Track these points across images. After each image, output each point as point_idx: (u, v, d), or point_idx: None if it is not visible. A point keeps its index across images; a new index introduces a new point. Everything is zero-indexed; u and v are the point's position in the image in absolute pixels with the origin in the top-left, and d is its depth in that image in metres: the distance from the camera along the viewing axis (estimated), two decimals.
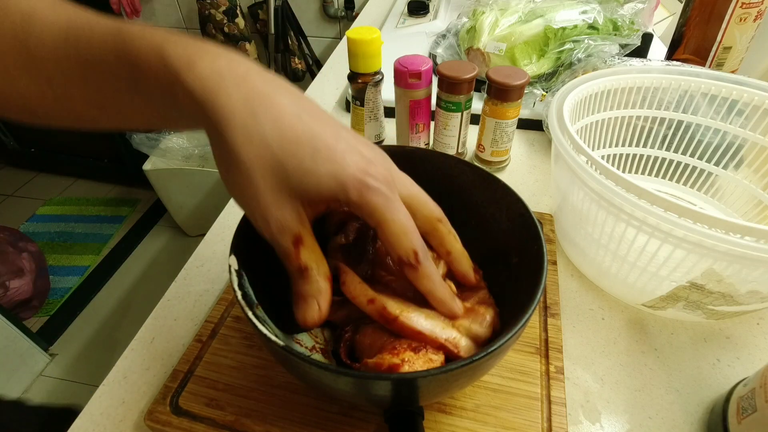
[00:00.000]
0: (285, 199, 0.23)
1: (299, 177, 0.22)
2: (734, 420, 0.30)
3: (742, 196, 0.48)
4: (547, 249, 0.29)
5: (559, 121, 0.39)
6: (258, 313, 0.27)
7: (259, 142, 0.21)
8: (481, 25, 0.64)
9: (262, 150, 0.22)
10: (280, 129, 0.22)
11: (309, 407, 0.32)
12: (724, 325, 0.39)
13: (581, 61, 0.59)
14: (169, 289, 0.43)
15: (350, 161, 0.22)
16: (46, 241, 1.74)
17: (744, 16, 0.56)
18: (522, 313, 0.25)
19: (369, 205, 0.23)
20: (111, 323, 1.49)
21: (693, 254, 0.31)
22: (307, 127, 0.22)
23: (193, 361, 0.35)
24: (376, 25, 0.94)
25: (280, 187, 0.22)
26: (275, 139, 0.22)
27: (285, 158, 0.22)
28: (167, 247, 1.75)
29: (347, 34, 0.50)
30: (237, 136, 0.21)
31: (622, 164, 0.53)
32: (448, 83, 0.49)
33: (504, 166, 0.57)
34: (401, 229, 0.24)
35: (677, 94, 0.47)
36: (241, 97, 0.22)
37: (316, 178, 0.22)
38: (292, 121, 0.22)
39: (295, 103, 0.23)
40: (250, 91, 0.22)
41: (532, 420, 0.31)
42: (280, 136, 0.22)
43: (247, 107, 0.22)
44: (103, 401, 0.35)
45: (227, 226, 0.50)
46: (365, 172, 0.22)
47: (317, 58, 1.65)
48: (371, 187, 0.22)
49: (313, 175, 0.22)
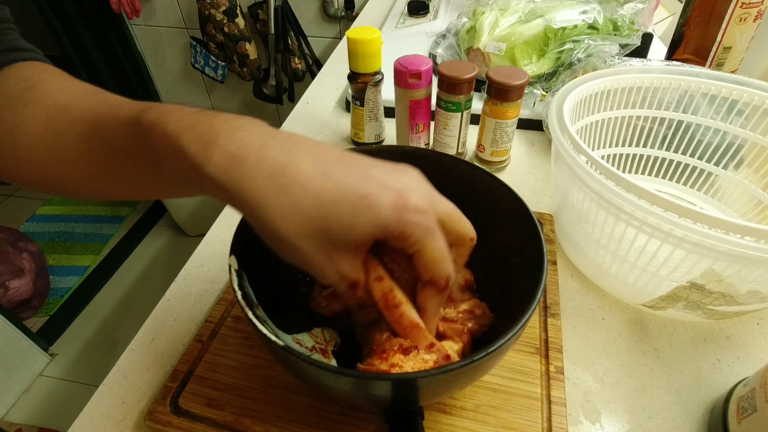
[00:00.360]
0: (335, 255, 0.24)
1: (343, 235, 0.23)
2: (734, 420, 0.30)
3: (742, 196, 0.48)
4: (547, 249, 0.29)
5: (559, 121, 0.39)
6: (258, 313, 0.27)
7: (295, 215, 0.22)
8: (481, 25, 0.64)
9: (301, 220, 0.22)
10: (312, 195, 0.22)
11: (309, 407, 0.32)
12: (724, 325, 0.39)
13: (581, 61, 0.59)
14: (169, 289, 0.43)
15: (386, 204, 0.23)
16: (46, 241, 1.74)
17: (744, 16, 0.56)
18: (522, 313, 0.25)
19: (410, 238, 0.23)
20: (111, 323, 1.49)
21: (693, 254, 0.31)
22: (336, 183, 0.22)
23: (193, 361, 0.35)
24: (376, 25, 0.94)
25: (328, 248, 0.23)
26: (310, 207, 0.22)
27: (325, 222, 0.22)
28: (167, 247, 1.75)
29: (347, 34, 0.50)
30: (274, 216, 0.22)
31: (622, 164, 0.53)
32: (448, 83, 0.49)
33: (504, 166, 0.57)
34: (440, 256, 0.25)
35: (677, 94, 0.47)
36: (265, 176, 0.22)
37: (359, 230, 0.23)
38: (320, 183, 0.22)
39: (316, 161, 0.23)
40: (271, 167, 0.22)
41: (532, 420, 0.31)
42: (315, 203, 0.22)
43: (273, 185, 0.22)
44: (103, 401, 0.35)
45: (227, 226, 0.50)
46: (403, 209, 0.23)
47: (317, 58, 1.65)
48: (410, 222, 0.23)
49: (355, 229, 0.23)
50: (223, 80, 1.70)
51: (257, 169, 0.22)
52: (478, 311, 0.32)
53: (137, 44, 1.80)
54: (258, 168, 0.22)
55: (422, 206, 0.24)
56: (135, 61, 1.82)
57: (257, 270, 0.30)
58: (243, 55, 1.57)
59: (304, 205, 0.22)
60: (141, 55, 1.82)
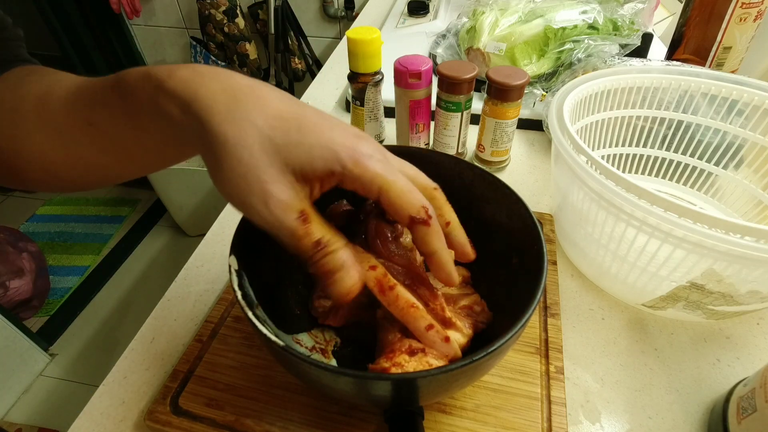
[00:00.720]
0: (280, 176, 0.22)
1: (289, 149, 0.21)
2: (734, 420, 0.30)
3: (742, 196, 0.48)
4: (547, 249, 0.29)
5: (559, 121, 0.39)
6: (258, 313, 0.27)
7: (243, 121, 0.21)
8: (481, 25, 0.64)
9: (248, 128, 0.21)
10: (263, 108, 0.22)
11: (309, 407, 0.32)
12: (724, 325, 0.39)
13: (581, 61, 0.59)
14: (169, 289, 0.43)
15: (338, 134, 0.22)
16: (46, 241, 1.74)
17: (744, 16, 0.56)
18: (522, 313, 0.25)
19: (368, 171, 0.22)
20: (111, 323, 1.49)
21: (693, 254, 0.31)
22: (290, 106, 0.22)
23: (193, 361, 0.35)
24: (376, 25, 0.94)
25: (272, 163, 0.21)
26: (260, 117, 0.21)
27: (272, 133, 0.21)
28: (167, 247, 1.75)
29: (347, 34, 0.50)
30: (222, 121, 0.21)
31: (622, 164, 0.53)
32: (448, 83, 0.49)
33: (504, 166, 0.57)
34: (407, 188, 0.23)
35: (677, 94, 0.47)
36: (221, 87, 0.22)
37: (307, 148, 0.21)
38: (274, 102, 0.22)
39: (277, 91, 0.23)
40: (231, 82, 0.22)
41: (532, 420, 0.31)
42: (264, 115, 0.22)
43: (228, 94, 0.22)
44: (103, 401, 0.35)
45: (227, 226, 0.50)
46: (355, 145, 0.22)
47: (317, 58, 1.65)
48: (366, 153, 0.22)
49: (302, 146, 0.21)
50: None
51: (216, 80, 0.22)
52: (477, 308, 0.32)
53: (137, 44, 1.80)
54: (217, 80, 0.22)
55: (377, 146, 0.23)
56: (135, 61, 1.82)
57: (257, 270, 0.30)
58: (243, 55, 1.57)
59: (254, 115, 0.21)
60: (141, 55, 1.82)
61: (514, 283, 0.31)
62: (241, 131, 0.21)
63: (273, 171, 0.21)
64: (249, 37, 1.56)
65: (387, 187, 0.22)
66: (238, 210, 0.23)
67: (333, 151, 0.22)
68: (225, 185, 0.22)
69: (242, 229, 0.30)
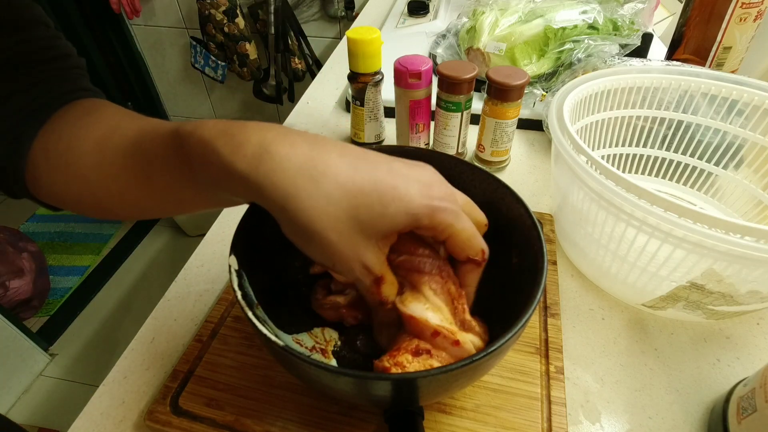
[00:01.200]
0: (363, 247, 0.24)
1: (373, 223, 0.23)
2: (734, 420, 0.30)
3: (742, 196, 0.48)
4: (547, 249, 0.29)
5: (559, 121, 0.39)
6: (258, 313, 0.27)
7: (326, 205, 0.22)
8: (481, 25, 0.64)
9: (332, 211, 0.22)
10: (343, 186, 0.23)
11: (309, 407, 0.32)
12: (724, 325, 0.39)
13: (581, 61, 0.59)
14: (169, 289, 0.43)
15: (414, 193, 0.23)
16: (46, 241, 1.74)
17: (744, 16, 0.56)
18: (522, 313, 0.25)
19: (442, 224, 0.24)
20: (111, 323, 1.49)
21: (693, 254, 0.31)
22: (365, 175, 0.23)
23: (193, 361, 0.35)
24: (376, 25, 0.94)
25: (356, 238, 0.23)
26: (341, 197, 0.22)
27: (356, 212, 0.23)
28: (167, 247, 1.75)
29: (347, 34, 0.50)
30: (306, 207, 0.22)
31: (622, 164, 0.53)
32: (448, 83, 0.49)
33: (504, 166, 0.57)
34: (471, 234, 0.26)
35: (677, 94, 0.47)
36: (296, 168, 0.22)
37: (389, 219, 0.23)
38: (349, 175, 0.23)
39: (343, 155, 0.24)
40: (301, 160, 0.23)
41: (532, 420, 0.31)
42: (346, 193, 0.23)
43: (305, 177, 0.22)
44: (103, 401, 0.35)
45: (227, 226, 0.50)
46: (430, 197, 0.24)
47: (317, 58, 1.65)
48: (439, 208, 0.24)
49: (385, 218, 0.23)
50: (223, 80, 1.70)
51: (288, 162, 0.22)
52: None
53: (137, 44, 1.80)
54: (288, 161, 0.22)
55: (447, 194, 0.25)
56: (135, 61, 1.82)
57: (257, 270, 0.30)
58: (243, 55, 1.57)
59: (335, 195, 0.22)
60: (141, 55, 1.82)
61: (514, 283, 0.31)
62: (328, 217, 0.22)
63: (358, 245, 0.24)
64: (249, 37, 1.56)
65: (456, 236, 0.25)
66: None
67: (413, 215, 0.23)
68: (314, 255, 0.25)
69: (242, 229, 0.30)
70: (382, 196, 0.23)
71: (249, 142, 0.23)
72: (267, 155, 0.22)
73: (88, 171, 0.29)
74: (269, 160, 0.22)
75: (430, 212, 0.24)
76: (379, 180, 0.23)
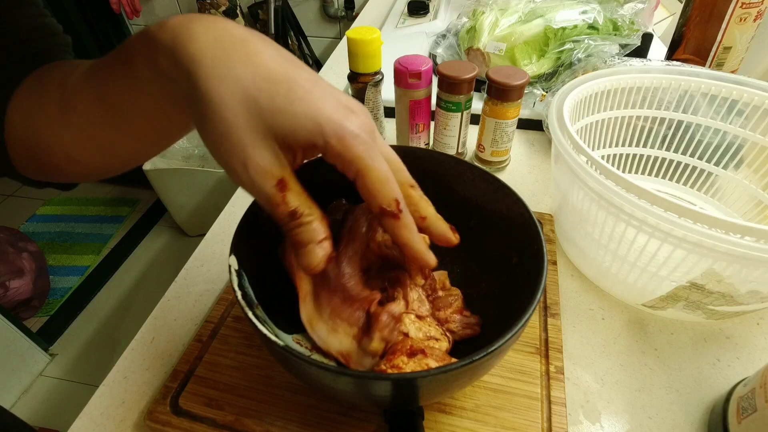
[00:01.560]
0: (261, 140, 0.21)
1: (273, 115, 0.21)
2: (734, 420, 0.30)
3: (742, 196, 0.48)
4: (547, 249, 0.29)
5: (559, 121, 0.39)
6: (258, 313, 0.27)
7: (229, 79, 0.20)
8: (481, 25, 0.64)
9: (234, 87, 0.20)
10: (253, 66, 0.21)
11: (309, 407, 0.32)
12: (724, 325, 0.39)
13: (581, 61, 0.59)
14: (169, 289, 0.43)
15: (328, 105, 0.21)
16: (46, 241, 1.74)
17: (744, 16, 0.56)
18: (522, 313, 0.25)
19: (350, 151, 0.21)
20: (111, 323, 1.49)
21: (693, 254, 0.31)
22: (282, 67, 0.21)
23: (193, 361, 0.35)
24: (376, 25, 0.94)
25: (255, 127, 0.21)
26: (247, 76, 0.21)
27: (258, 95, 0.21)
28: (167, 247, 1.75)
29: (347, 34, 0.50)
30: (207, 75, 0.21)
31: (622, 164, 0.53)
32: (448, 83, 0.49)
33: (504, 166, 0.57)
34: (384, 177, 0.23)
35: (677, 94, 0.47)
36: (212, 38, 0.21)
37: (291, 116, 0.21)
38: (265, 61, 0.21)
39: (272, 47, 0.22)
40: (222, 32, 0.21)
41: (532, 420, 0.31)
42: (253, 74, 0.21)
43: (217, 46, 0.21)
44: (103, 401, 0.35)
45: (227, 226, 0.50)
46: (345, 119, 0.21)
47: (317, 58, 1.65)
48: (352, 132, 0.21)
49: (287, 114, 0.21)
50: None
51: (206, 32, 0.21)
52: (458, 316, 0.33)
53: None
54: (207, 32, 0.21)
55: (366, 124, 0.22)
56: None
57: (257, 270, 0.30)
58: None
59: (242, 73, 0.21)
60: None
61: (514, 283, 0.31)
62: (225, 89, 0.20)
63: (254, 134, 0.21)
64: None
65: (365, 172, 0.22)
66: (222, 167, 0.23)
67: (318, 124, 0.21)
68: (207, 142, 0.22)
69: (242, 229, 0.30)
70: (290, 91, 0.21)
71: (176, 19, 0.22)
72: (188, 24, 0.21)
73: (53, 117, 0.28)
74: (188, 25, 0.21)
75: (339, 131, 0.21)
76: (296, 77, 0.21)
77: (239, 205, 0.53)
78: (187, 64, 0.21)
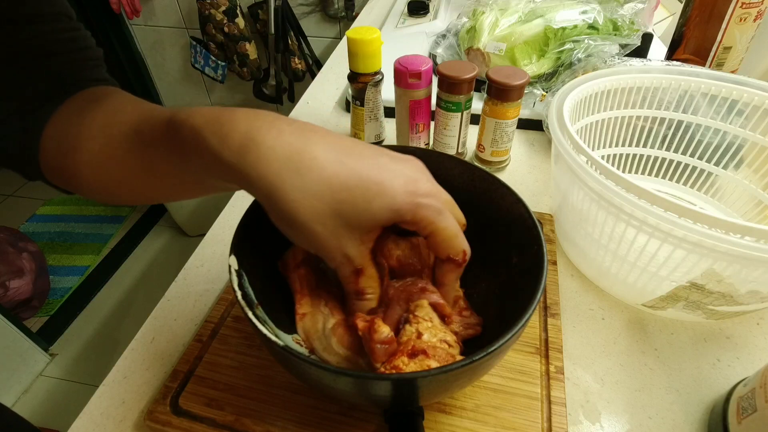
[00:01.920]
0: (346, 239, 0.25)
1: (356, 218, 0.24)
2: (734, 420, 0.30)
3: (742, 196, 0.48)
4: (547, 249, 0.29)
5: (559, 121, 0.39)
6: (258, 313, 0.27)
7: (311, 198, 0.23)
8: (481, 25, 0.64)
9: (316, 204, 0.23)
10: (327, 180, 0.23)
11: (309, 407, 0.32)
12: (724, 325, 0.39)
13: (581, 61, 0.59)
14: (169, 289, 0.43)
15: (398, 188, 0.24)
16: (46, 241, 1.74)
17: (744, 16, 0.56)
18: (522, 313, 0.25)
19: (424, 220, 0.25)
20: (111, 323, 1.49)
21: (693, 254, 0.31)
22: (350, 170, 0.23)
23: (193, 361, 0.35)
24: (376, 25, 0.94)
25: (340, 231, 0.24)
26: (326, 191, 0.23)
27: (339, 206, 0.23)
28: (167, 247, 1.75)
29: (347, 34, 0.50)
30: (290, 200, 0.23)
31: (622, 164, 0.53)
32: (448, 83, 0.49)
33: (504, 166, 0.57)
34: (453, 233, 0.26)
35: (677, 94, 0.47)
36: (281, 159, 0.23)
37: (372, 214, 0.24)
38: (335, 170, 0.23)
39: (330, 148, 0.24)
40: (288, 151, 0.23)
41: (532, 420, 0.31)
42: (330, 188, 0.23)
43: (289, 168, 0.23)
44: (103, 401, 0.35)
45: (227, 226, 0.50)
46: (414, 194, 0.24)
47: (317, 58, 1.65)
48: (422, 204, 0.24)
49: (369, 213, 0.24)
50: (223, 80, 1.70)
51: (273, 153, 0.23)
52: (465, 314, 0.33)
53: (137, 44, 1.79)
54: (273, 152, 0.23)
55: (432, 190, 0.25)
56: (135, 61, 1.82)
57: (257, 270, 0.30)
58: (243, 55, 1.57)
59: (320, 190, 0.23)
60: (141, 55, 1.82)
61: (514, 283, 0.31)
62: (311, 209, 0.23)
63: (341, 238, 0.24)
64: (249, 37, 1.56)
65: (437, 233, 0.26)
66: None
67: (395, 211, 0.24)
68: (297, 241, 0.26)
69: (242, 229, 0.30)
70: (366, 191, 0.23)
71: (236, 131, 0.23)
72: (253, 145, 0.23)
73: (94, 156, 0.29)
74: (255, 150, 0.23)
75: (413, 208, 0.24)
76: (364, 175, 0.23)
77: (239, 205, 0.53)
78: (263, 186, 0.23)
